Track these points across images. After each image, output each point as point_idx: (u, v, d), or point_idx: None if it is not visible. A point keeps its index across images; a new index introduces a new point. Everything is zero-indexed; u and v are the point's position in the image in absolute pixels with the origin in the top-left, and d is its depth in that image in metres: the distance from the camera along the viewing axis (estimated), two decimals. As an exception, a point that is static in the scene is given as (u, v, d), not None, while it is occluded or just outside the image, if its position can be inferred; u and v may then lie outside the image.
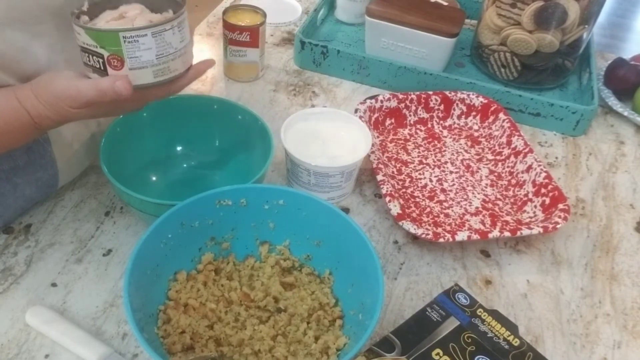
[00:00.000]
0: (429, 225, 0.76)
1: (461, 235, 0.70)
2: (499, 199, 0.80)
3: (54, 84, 0.56)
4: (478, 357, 0.54)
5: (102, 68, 0.55)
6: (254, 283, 0.64)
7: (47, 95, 0.56)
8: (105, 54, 0.55)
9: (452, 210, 0.78)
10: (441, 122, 0.91)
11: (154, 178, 0.77)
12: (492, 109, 0.89)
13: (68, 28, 0.61)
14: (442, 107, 0.91)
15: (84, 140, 0.72)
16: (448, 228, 0.75)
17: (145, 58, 0.56)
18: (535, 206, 0.77)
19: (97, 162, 0.68)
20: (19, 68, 0.59)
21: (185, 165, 0.79)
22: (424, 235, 0.70)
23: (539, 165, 0.79)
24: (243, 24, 0.92)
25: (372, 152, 0.79)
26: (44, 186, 0.71)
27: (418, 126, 0.91)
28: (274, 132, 0.73)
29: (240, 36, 0.92)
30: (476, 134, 0.90)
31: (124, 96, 0.55)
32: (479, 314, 0.59)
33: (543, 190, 0.77)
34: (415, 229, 0.70)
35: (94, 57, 0.55)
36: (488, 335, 0.57)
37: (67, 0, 0.61)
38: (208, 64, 0.62)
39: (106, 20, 0.58)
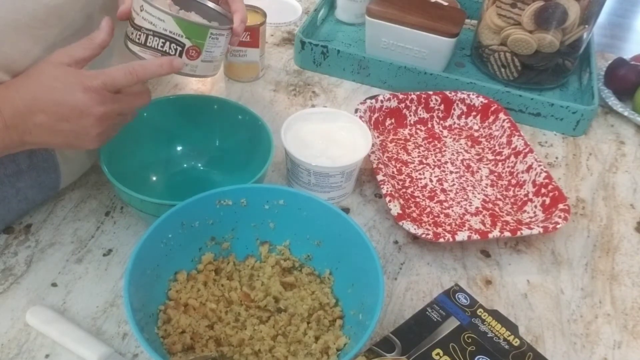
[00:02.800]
0: (429, 225, 0.76)
1: (461, 235, 0.70)
2: (499, 199, 0.80)
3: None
4: (478, 357, 0.54)
5: (177, 56, 0.61)
6: (254, 283, 0.64)
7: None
8: (188, 44, 0.60)
9: (452, 210, 0.78)
10: (441, 122, 0.91)
11: (154, 178, 0.77)
12: (492, 109, 0.89)
13: (73, 31, 0.62)
14: (442, 107, 0.91)
15: None
16: (448, 228, 0.75)
17: (215, 54, 0.63)
18: (536, 206, 0.77)
19: (97, 162, 0.68)
20: (22, 70, 0.59)
21: (185, 165, 0.79)
22: (424, 235, 0.70)
23: (539, 165, 0.79)
24: (243, 24, 0.92)
25: (372, 152, 0.79)
26: (46, 189, 0.71)
27: (418, 126, 0.91)
28: (274, 132, 0.73)
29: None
30: (476, 134, 0.90)
31: (177, 70, 0.59)
32: (479, 314, 0.59)
33: (543, 190, 0.77)
34: (415, 229, 0.70)
35: (173, 45, 0.60)
36: (488, 335, 0.57)
37: (73, 4, 0.61)
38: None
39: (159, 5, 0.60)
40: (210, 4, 0.66)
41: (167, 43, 0.60)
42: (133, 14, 0.60)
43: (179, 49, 0.60)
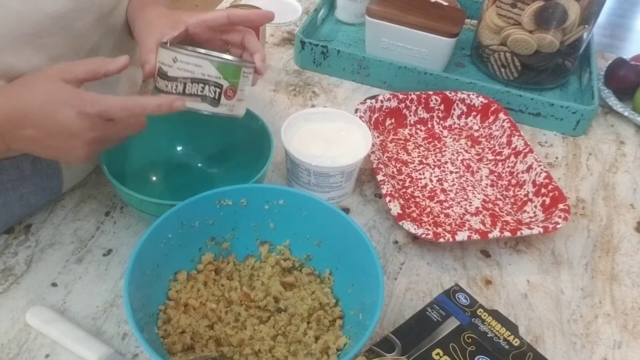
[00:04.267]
0: (429, 225, 0.76)
1: (461, 235, 0.70)
2: (499, 199, 0.80)
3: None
4: (478, 357, 0.54)
5: (216, 98, 0.61)
6: (254, 283, 0.64)
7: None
8: (225, 84, 0.61)
9: (453, 210, 0.78)
10: (441, 122, 0.91)
11: (154, 178, 0.77)
12: (493, 109, 0.89)
13: (75, 40, 0.62)
14: (442, 107, 0.91)
15: None
16: (448, 228, 0.75)
17: (246, 92, 0.64)
18: (536, 206, 0.77)
19: (97, 162, 0.68)
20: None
21: (185, 165, 0.79)
22: (424, 235, 0.70)
23: (539, 165, 0.79)
24: (243, 24, 0.92)
25: (373, 152, 0.79)
26: (48, 194, 0.71)
27: (418, 126, 0.91)
28: (274, 132, 0.73)
29: (241, 36, 0.92)
30: (476, 134, 0.90)
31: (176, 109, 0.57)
32: (479, 314, 0.59)
33: (543, 190, 0.77)
34: (415, 229, 0.70)
35: (212, 87, 0.60)
36: (488, 335, 0.57)
37: (77, 14, 0.61)
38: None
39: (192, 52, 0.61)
40: (226, 56, 0.64)
41: (207, 87, 0.60)
42: (164, 68, 0.60)
43: (218, 90, 0.60)
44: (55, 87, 0.54)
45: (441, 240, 0.70)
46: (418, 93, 0.90)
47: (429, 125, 0.91)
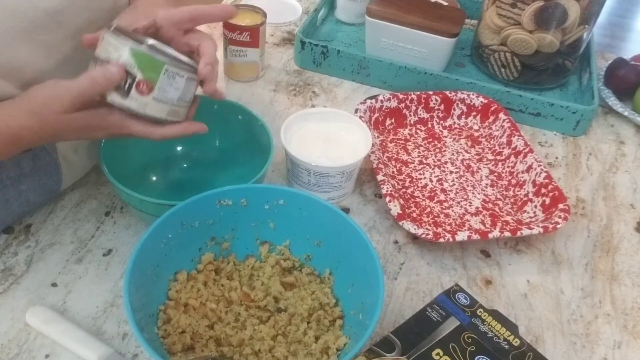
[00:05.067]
0: (429, 225, 0.76)
1: (461, 235, 0.70)
2: (499, 199, 0.80)
3: (40, 91, 0.55)
4: (478, 357, 0.54)
5: (126, 88, 0.56)
6: (254, 283, 0.64)
7: (32, 104, 0.54)
8: (139, 76, 0.56)
9: (452, 210, 0.78)
10: (441, 122, 0.91)
11: (154, 178, 0.77)
12: (493, 109, 0.89)
13: (73, 36, 0.61)
14: (442, 107, 0.91)
15: (87, 145, 0.72)
16: (448, 228, 0.75)
17: (170, 95, 0.58)
18: (536, 206, 0.77)
19: (97, 162, 0.68)
20: (21, 77, 0.59)
21: (185, 165, 0.79)
22: (424, 235, 0.70)
23: (539, 165, 0.79)
24: (243, 24, 0.92)
25: (373, 152, 0.79)
26: (47, 191, 0.71)
27: (418, 126, 0.91)
28: (274, 132, 0.73)
29: (241, 36, 0.92)
30: (476, 134, 0.90)
31: (115, 81, 0.55)
32: (479, 314, 0.59)
33: (543, 190, 0.77)
34: (415, 229, 0.70)
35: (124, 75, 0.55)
36: (488, 335, 0.57)
37: (73, 10, 0.61)
38: (198, 127, 0.64)
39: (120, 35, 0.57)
40: (183, 57, 0.59)
41: None
42: (97, 48, 0.57)
43: (130, 80, 0.55)
44: (72, 119, 0.56)
45: (441, 240, 0.70)
46: (418, 93, 0.90)
47: (429, 125, 0.91)
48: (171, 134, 0.61)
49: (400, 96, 0.89)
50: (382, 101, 0.88)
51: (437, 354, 0.54)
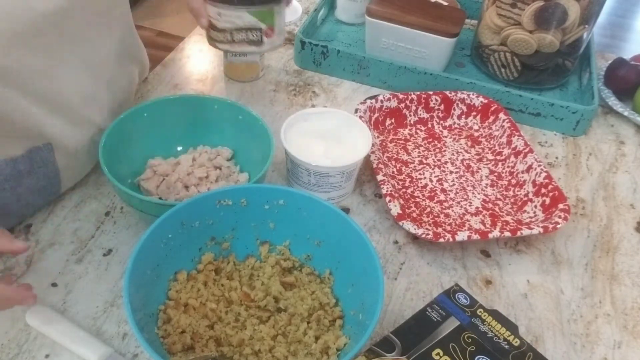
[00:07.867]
0: (429, 225, 0.76)
1: (461, 235, 0.70)
2: (499, 199, 0.80)
3: None
4: (478, 357, 0.54)
5: (260, 40, 0.74)
6: (254, 283, 0.64)
7: None
8: (264, 26, 0.73)
9: (452, 210, 0.78)
10: (441, 122, 0.91)
11: (154, 178, 0.77)
12: (493, 109, 0.89)
13: (71, 39, 0.61)
14: (442, 107, 0.91)
15: (86, 147, 0.72)
16: (448, 228, 0.75)
17: (282, 25, 0.76)
18: (536, 206, 0.77)
19: (97, 162, 0.68)
20: (20, 80, 0.59)
21: (185, 165, 0.79)
22: (424, 235, 0.70)
23: (539, 165, 0.79)
24: (243, 24, 0.92)
25: (373, 152, 0.79)
26: (47, 194, 0.71)
27: (418, 126, 0.91)
28: (274, 132, 0.73)
29: (241, 36, 0.92)
30: (476, 134, 0.90)
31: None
32: (479, 314, 0.59)
33: (543, 190, 0.77)
34: (415, 229, 0.70)
35: (254, 32, 0.73)
36: (488, 335, 0.57)
37: (69, 13, 0.61)
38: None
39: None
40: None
41: (249, 32, 0.73)
42: (212, 21, 0.72)
43: (259, 33, 0.73)
44: None
45: (441, 240, 0.70)
46: (418, 93, 0.90)
47: (429, 125, 0.91)
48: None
49: (400, 96, 0.89)
50: (382, 101, 0.88)
51: (437, 354, 0.54)
